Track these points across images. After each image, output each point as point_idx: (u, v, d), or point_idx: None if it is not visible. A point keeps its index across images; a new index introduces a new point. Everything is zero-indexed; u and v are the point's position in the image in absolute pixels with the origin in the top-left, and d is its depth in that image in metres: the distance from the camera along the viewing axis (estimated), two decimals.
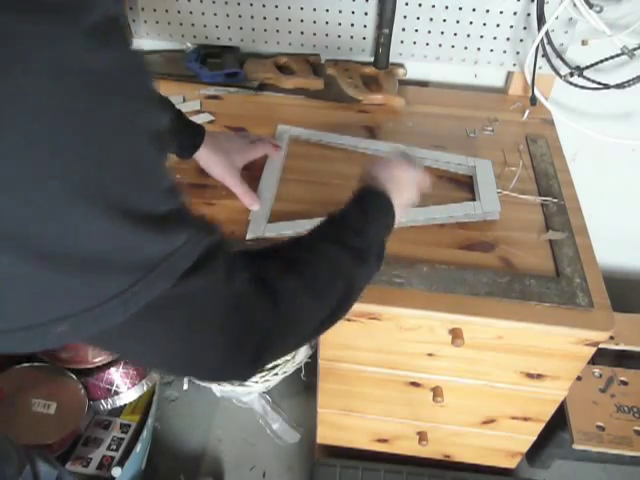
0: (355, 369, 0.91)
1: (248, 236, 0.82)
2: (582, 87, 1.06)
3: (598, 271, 0.79)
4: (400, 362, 0.88)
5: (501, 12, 1.02)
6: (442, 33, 1.06)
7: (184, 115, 0.84)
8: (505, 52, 1.08)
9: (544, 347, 0.80)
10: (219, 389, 1.22)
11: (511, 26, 1.04)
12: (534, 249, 0.82)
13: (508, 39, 1.06)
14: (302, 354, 1.16)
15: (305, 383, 1.38)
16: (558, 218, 0.87)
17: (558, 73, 1.06)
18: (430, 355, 0.85)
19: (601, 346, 0.84)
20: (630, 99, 1.13)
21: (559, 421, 1.12)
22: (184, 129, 0.84)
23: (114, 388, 1.16)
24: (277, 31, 1.12)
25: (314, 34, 1.11)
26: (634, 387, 1.19)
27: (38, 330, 0.32)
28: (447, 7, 1.03)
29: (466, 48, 1.08)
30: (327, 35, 1.11)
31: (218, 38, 1.15)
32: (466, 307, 0.74)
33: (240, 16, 1.11)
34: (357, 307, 0.76)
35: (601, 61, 1.03)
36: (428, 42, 1.08)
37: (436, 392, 0.91)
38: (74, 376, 1.13)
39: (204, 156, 0.85)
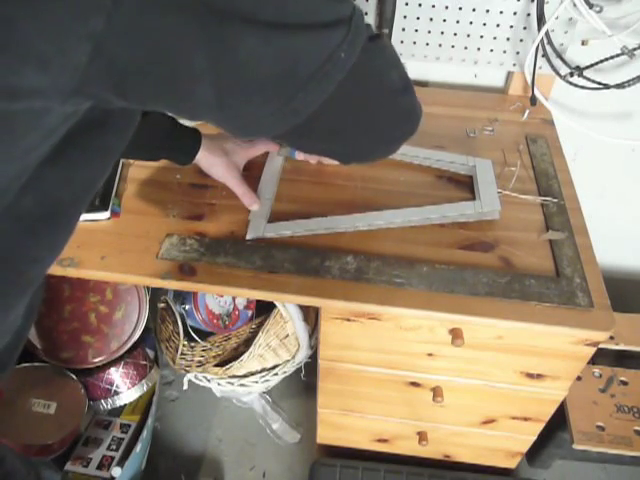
0: (355, 369, 0.91)
1: (248, 236, 0.82)
2: (582, 87, 1.06)
3: (598, 271, 0.79)
4: (400, 362, 0.88)
5: (501, 12, 1.02)
6: (442, 33, 1.06)
7: (179, 122, 0.84)
8: (505, 52, 1.08)
9: (544, 347, 0.80)
10: (219, 389, 1.22)
11: (511, 26, 1.04)
12: (534, 249, 0.82)
13: (508, 39, 1.06)
14: (302, 354, 1.16)
15: (305, 383, 1.38)
16: (558, 218, 0.87)
17: (558, 73, 1.06)
18: (430, 355, 0.86)
19: (601, 346, 0.84)
20: (630, 99, 1.13)
21: (559, 421, 1.12)
22: (181, 136, 0.84)
23: (114, 388, 1.16)
24: None
25: None
26: (634, 387, 1.19)
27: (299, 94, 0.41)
28: (447, 7, 1.02)
29: (466, 48, 1.08)
30: None
31: None
32: (466, 307, 0.74)
33: None
34: (357, 307, 0.76)
35: (601, 61, 1.03)
36: (428, 42, 1.08)
37: (436, 392, 0.91)
38: (74, 376, 1.13)
39: (204, 159, 0.86)
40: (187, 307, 1.18)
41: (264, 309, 1.17)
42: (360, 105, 0.50)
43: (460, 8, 1.02)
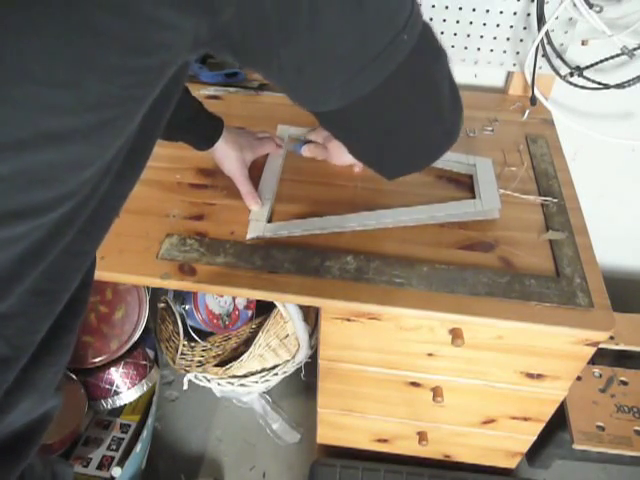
0: (355, 369, 0.91)
1: (248, 236, 0.82)
2: (582, 87, 1.06)
3: (598, 271, 0.79)
4: (400, 362, 0.88)
5: (501, 12, 1.02)
6: (442, 33, 1.06)
7: (204, 106, 0.83)
8: (505, 52, 1.08)
9: (544, 347, 0.80)
10: (219, 389, 1.22)
11: (511, 26, 1.04)
12: (534, 249, 0.82)
13: (508, 39, 1.06)
14: (302, 354, 1.16)
15: (305, 383, 1.38)
16: (558, 218, 0.87)
17: (558, 73, 1.06)
18: (430, 355, 0.86)
19: (601, 346, 0.84)
20: (630, 99, 1.13)
21: (559, 421, 1.12)
22: (205, 120, 0.84)
23: (114, 388, 1.16)
24: None
25: None
26: (634, 387, 1.19)
27: (355, 79, 0.43)
28: (447, 7, 1.02)
29: (466, 48, 1.08)
30: None
31: None
32: (466, 307, 0.74)
33: None
34: (357, 307, 0.76)
35: (601, 61, 1.03)
36: None
37: (436, 392, 0.91)
38: (74, 376, 1.13)
39: (220, 149, 0.86)
40: (187, 307, 1.18)
41: (264, 309, 1.17)
42: (410, 97, 0.51)
43: (460, 8, 1.02)
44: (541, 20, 0.99)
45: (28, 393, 0.46)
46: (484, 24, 1.04)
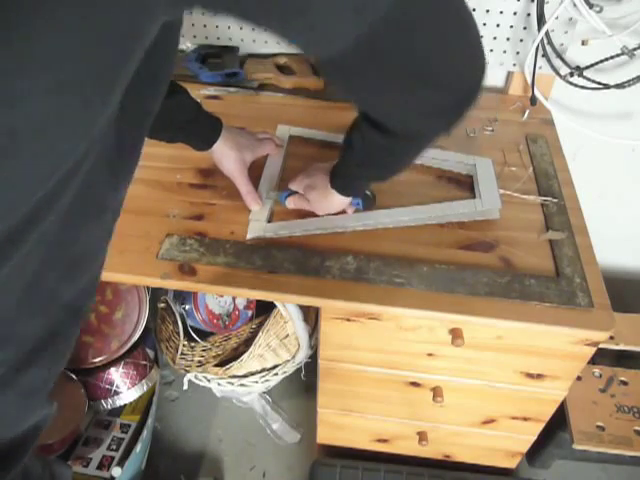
0: (355, 369, 0.91)
1: (248, 236, 0.82)
2: (582, 87, 1.06)
3: (598, 271, 0.79)
4: (400, 362, 0.88)
5: (501, 12, 1.02)
6: None
7: (203, 107, 0.83)
8: (505, 52, 1.08)
9: (544, 347, 0.80)
10: (219, 389, 1.22)
11: (511, 26, 1.04)
12: (534, 249, 0.82)
13: (508, 39, 1.06)
14: (302, 354, 1.16)
15: (305, 383, 1.38)
16: (558, 218, 0.87)
17: (558, 73, 1.06)
18: (430, 355, 0.86)
19: (601, 346, 0.84)
20: (630, 99, 1.13)
21: (559, 421, 1.12)
22: (203, 122, 0.84)
23: (114, 388, 1.16)
24: None
25: None
26: (634, 387, 1.19)
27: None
28: None
29: None
30: None
31: (218, 38, 1.15)
32: (466, 307, 0.74)
33: None
34: (357, 307, 0.76)
35: (601, 61, 1.03)
36: None
37: (436, 392, 0.91)
38: (74, 376, 1.13)
39: (219, 150, 0.85)
40: (187, 307, 1.18)
41: (264, 309, 1.17)
42: (432, 16, 0.46)
43: None
44: (541, 20, 0.99)
45: (12, 394, 0.45)
46: (484, 24, 1.04)
